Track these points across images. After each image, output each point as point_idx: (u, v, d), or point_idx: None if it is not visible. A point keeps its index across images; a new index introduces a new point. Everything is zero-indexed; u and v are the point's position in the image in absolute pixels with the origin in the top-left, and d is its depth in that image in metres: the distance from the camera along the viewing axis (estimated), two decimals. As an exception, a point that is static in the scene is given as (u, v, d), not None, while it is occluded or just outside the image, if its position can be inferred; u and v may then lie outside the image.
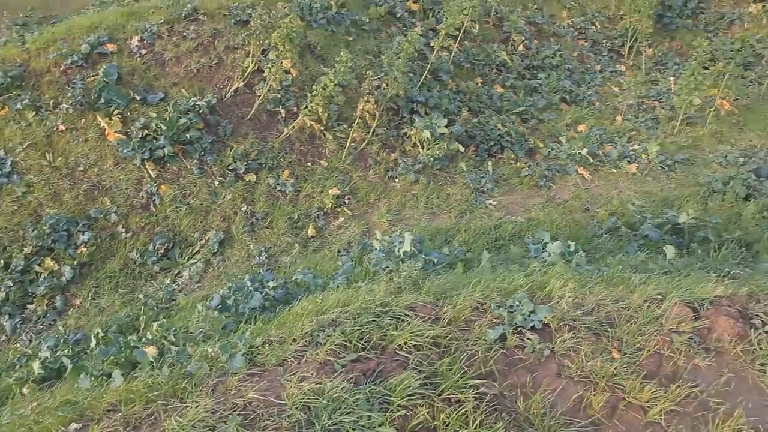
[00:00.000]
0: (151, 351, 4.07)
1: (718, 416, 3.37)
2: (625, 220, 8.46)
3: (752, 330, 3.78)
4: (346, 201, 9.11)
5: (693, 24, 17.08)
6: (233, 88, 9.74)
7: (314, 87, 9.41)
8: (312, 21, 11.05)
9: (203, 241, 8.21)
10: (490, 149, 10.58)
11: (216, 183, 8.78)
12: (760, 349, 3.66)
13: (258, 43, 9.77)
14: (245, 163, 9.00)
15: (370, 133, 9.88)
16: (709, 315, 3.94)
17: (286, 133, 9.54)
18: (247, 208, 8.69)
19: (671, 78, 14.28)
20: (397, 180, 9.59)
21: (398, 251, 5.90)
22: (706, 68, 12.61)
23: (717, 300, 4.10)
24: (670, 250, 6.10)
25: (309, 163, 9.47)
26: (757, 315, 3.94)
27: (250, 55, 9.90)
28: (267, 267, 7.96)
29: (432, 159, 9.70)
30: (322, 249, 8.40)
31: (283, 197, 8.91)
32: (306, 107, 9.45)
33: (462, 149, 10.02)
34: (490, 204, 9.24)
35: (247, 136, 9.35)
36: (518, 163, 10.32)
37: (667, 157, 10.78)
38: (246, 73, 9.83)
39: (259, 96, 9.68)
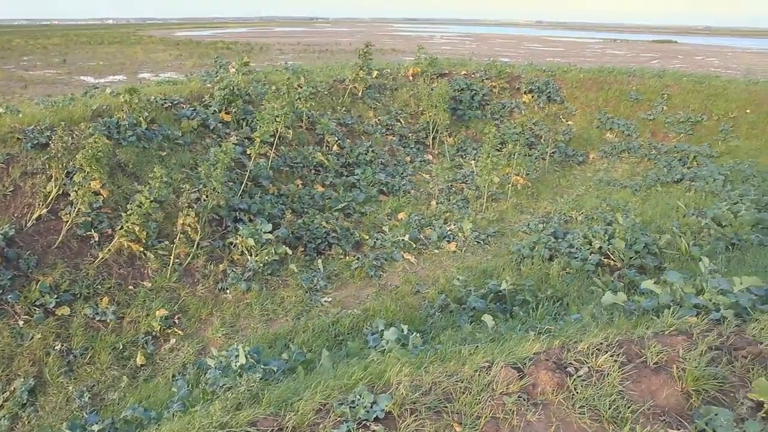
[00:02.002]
0: None
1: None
2: (453, 296, 8.96)
3: (568, 377, 4.12)
4: (176, 321, 8.58)
5: (482, 114, 19.39)
6: (35, 216, 8.94)
7: (129, 206, 8.99)
8: (121, 139, 10.72)
9: (7, 393, 7.14)
10: (318, 247, 10.77)
11: (21, 323, 7.79)
12: (577, 393, 3.99)
13: (60, 166, 9.20)
14: (56, 296, 8.14)
15: (195, 246, 9.57)
16: (531, 372, 4.23)
17: (102, 258, 8.88)
18: (62, 345, 7.78)
19: (472, 162, 15.90)
20: (228, 291, 9.29)
21: (235, 365, 5.63)
22: (499, 150, 14.27)
23: (536, 356, 4.43)
24: (488, 319, 6.53)
25: (131, 287, 8.85)
26: (570, 363, 4.31)
27: (53, 179, 9.25)
28: (91, 409, 7.08)
29: (261, 265, 9.61)
30: (154, 377, 7.72)
31: (105, 327, 8.15)
32: (122, 228, 8.93)
33: (290, 251, 10.08)
34: (326, 301, 9.28)
35: (55, 266, 8.53)
36: (347, 257, 10.59)
37: (480, 232, 11.79)
38: (49, 199, 9.12)
39: (67, 221, 8.99)
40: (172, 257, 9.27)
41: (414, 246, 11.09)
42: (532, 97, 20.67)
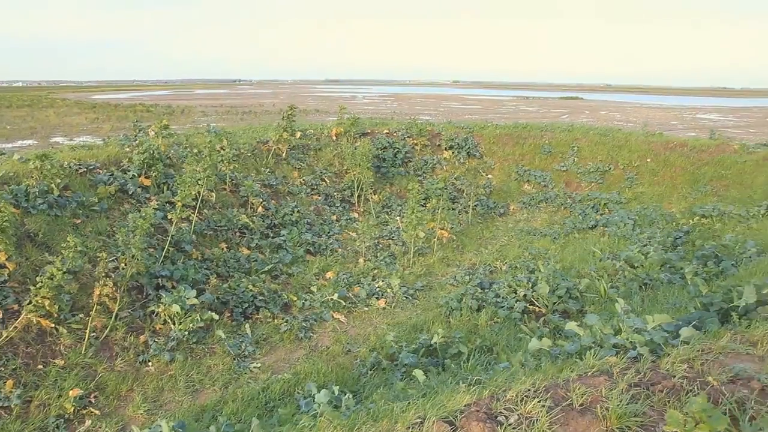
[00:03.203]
0: None
1: None
2: (385, 353, 8.90)
3: (499, 427, 4.14)
4: (93, 400, 8.01)
5: (405, 171, 19.86)
6: (-69, 298, 8.27)
7: (39, 279, 8.45)
8: (30, 207, 10.19)
9: None
10: (245, 312, 10.49)
11: None
12: (509, 442, 4.02)
13: (-40, 240, 8.61)
14: (-49, 384, 7.46)
15: (113, 318, 9.09)
16: (463, 425, 4.23)
17: (7, 336, 8.25)
18: (-43, 441, 7.09)
19: (398, 218, 16.15)
20: (150, 363, 8.83)
21: (157, 443, 5.32)
22: (423, 206, 14.58)
23: (467, 408, 4.44)
24: (420, 374, 6.53)
25: (40, 366, 8.24)
26: (500, 412, 4.35)
27: (-50, 255, 8.63)
28: None
29: (186, 333, 9.23)
30: (68, 464, 7.14)
31: (8, 414, 7.49)
32: (30, 302, 8.37)
33: (216, 317, 9.75)
34: (255, 367, 8.98)
35: (-49, 350, 7.86)
36: (276, 320, 10.36)
37: (409, 287, 11.87)
38: (-53, 278, 8.48)
39: (-33, 301, 8.36)
40: (87, 331, 8.75)
41: (343, 305, 11.01)
42: (453, 153, 21.44)
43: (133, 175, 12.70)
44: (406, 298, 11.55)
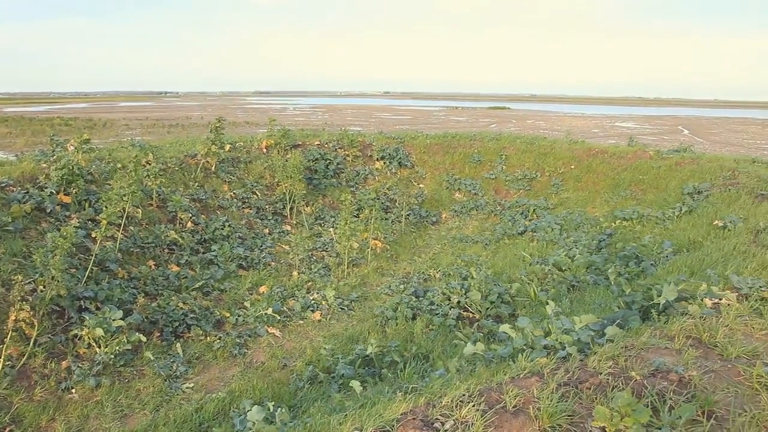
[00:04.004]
0: None
1: None
2: (321, 366, 8.81)
3: (436, 434, 4.18)
4: (9, 433, 7.53)
5: (338, 182, 19.84)
6: None
7: (-55, 307, 7.90)
8: (-66, 232, 9.51)
9: None
10: (176, 331, 10.14)
11: None
12: (447, 448, 4.05)
13: None
14: None
15: (31, 344, 8.57)
16: (400, 433, 4.24)
17: None
18: None
19: (331, 229, 16.07)
20: (74, 390, 8.36)
21: (82, 473, 5.03)
22: (356, 216, 14.60)
23: (404, 417, 4.45)
24: (356, 385, 6.50)
25: (-50, 400, 7.66)
26: (436, 419, 4.38)
27: None
28: None
29: (112, 356, 8.81)
30: (-18, 503, 6.65)
31: None
32: (-63, 333, 7.80)
33: (145, 338, 9.37)
34: (187, 388, 8.68)
35: None
36: (208, 338, 10.06)
37: (344, 299, 11.83)
38: None
39: None
40: (1, 360, 8.21)
41: (278, 319, 10.84)
42: (384, 163, 21.61)
43: (50, 192, 12.07)
44: (342, 309, 11.50)
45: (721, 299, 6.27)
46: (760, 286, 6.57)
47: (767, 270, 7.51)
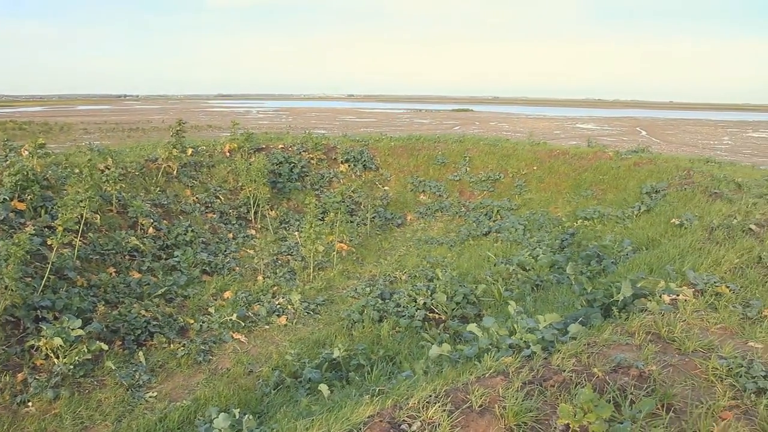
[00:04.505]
0: None
1: None
2: (288, 371, 8.74)
3: (403, 436, 4.18)
4: (-38, 450, 7.25)
5: (302, 185, 19.74)
6: None
7: None
8: None
9: None
10: (138, 339, 9.91)
11: None
12: (414, 450, 4.07)
13: None
14: None
15: (-15, 356, 8.28)
16: (367, 436, 4.23)
17: None
18: None
19: (296, 233, 15.97)
20: (30, 403, 8.09)
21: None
22: (321, 220, 14.53)
23: (371, 419, 4.44)
24: (324, 389, 6.48)
25: None
26: (404, 420, 4.39)
27: None
28: None
29: (71, 367, 8.56)
30: None
31: None
32: None
33: (106, 347, 9.13)
34: (150, 397, 8.49)
35: None
36: (172, 346, 9.87)
37: (310, 303, 11.76)
38: None
39: None
40: (-46, 373, 7.91)
41: (243, 324, 10.70)
42: (349, 166, 21.58)
43: (3, 198, 11.68)
44: (308, 313, 11.43)
45: (678, 295, 6.45)
46: (715, 282, 6.78)
47: (721, 266, 7.76)
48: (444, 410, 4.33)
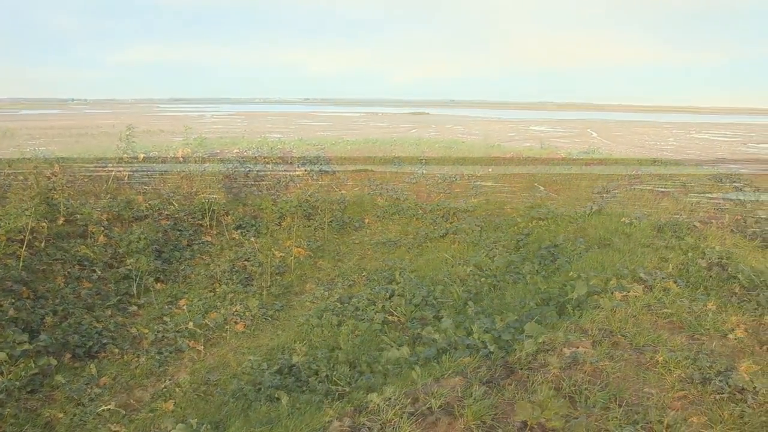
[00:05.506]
0: None
1: None
2: (246, 378, 8.61)
3: (365, 440, 4.18)
4: None
5: (258, 189, 19.48)
6: None
7: None
8: None
9: None
10: (89, 351, 9.60)
11: None
12: (376, 454, 4.06)
13: None
14: None
15: (-76, 374, 7.88)
16: (328, 442, 4.21)
17: None
18: None
19: (252, 238, 15.77)
20: (-27, 423, 7.76)
21: None
22: (278, 225, 14.40)
23: (330, 424, 4.42)
24: (283, 396, 6.42)
25: None
26: (364, 424, 4.39)
27: None
28: None
29: (17, 383, 8.23)
30: None
31: None
32: None
33: (55, 361, 8.83)
34: (104, 411, 8.23)
35: None
36: (125, 357, 9.60)
37: (268, 308, 11.62)
38: None
39: None
40: None
41: (200, 332, 10.49)
42: (306, 170, 21.45)
43: (-57, 208, 11.18)
44: (266, 319, 11.29)
45: (629, 291, 6.64)
46: (663, 278, 7.01)
47: (669, 262, 8.03)
48: (404, 412, 4.34)
